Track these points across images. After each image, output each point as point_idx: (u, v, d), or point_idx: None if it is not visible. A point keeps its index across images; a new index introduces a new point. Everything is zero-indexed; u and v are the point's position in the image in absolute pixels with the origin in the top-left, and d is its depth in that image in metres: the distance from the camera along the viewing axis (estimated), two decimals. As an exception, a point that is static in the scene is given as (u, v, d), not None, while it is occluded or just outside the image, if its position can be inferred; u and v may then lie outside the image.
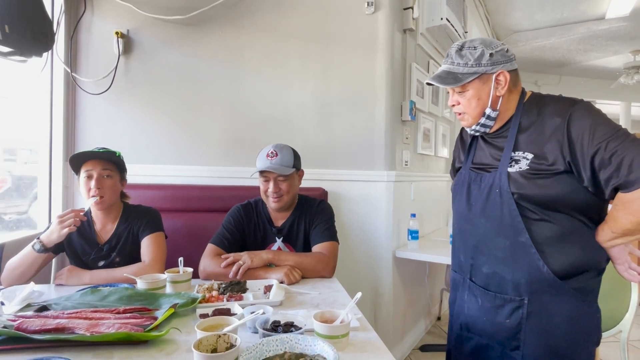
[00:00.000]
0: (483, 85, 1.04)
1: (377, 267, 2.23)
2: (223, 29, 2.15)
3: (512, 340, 1.04)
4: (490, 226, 1.07)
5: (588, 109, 0.98)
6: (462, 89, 1.06)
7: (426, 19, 2.52)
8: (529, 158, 1.00)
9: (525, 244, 1.00)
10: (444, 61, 1.10)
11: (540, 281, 1.00)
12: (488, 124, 1.08)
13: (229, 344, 0.79)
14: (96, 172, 1.43)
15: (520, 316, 1.03)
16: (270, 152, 1.51)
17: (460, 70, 1.04)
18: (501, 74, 1.03)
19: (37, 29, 1.62)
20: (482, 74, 1.03)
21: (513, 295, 1.04)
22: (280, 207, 1.54)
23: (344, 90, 2.20)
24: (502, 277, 1.05)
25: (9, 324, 0.91)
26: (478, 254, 1.11)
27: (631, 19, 4.07)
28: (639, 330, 2.95)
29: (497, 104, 1.06)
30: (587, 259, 1.00)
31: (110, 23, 2.08)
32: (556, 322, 1.00)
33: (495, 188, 1.04)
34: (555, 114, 1.00)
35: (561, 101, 1.03)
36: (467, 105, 1.07)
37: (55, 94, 2.04)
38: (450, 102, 1.12)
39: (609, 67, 5.80)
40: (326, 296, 1.25)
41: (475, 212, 1.11)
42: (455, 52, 1.06)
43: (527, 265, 1.01)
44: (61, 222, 1.33)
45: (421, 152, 2.66)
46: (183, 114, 2.13)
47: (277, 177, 1.51)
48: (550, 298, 1.00)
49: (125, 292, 1.15)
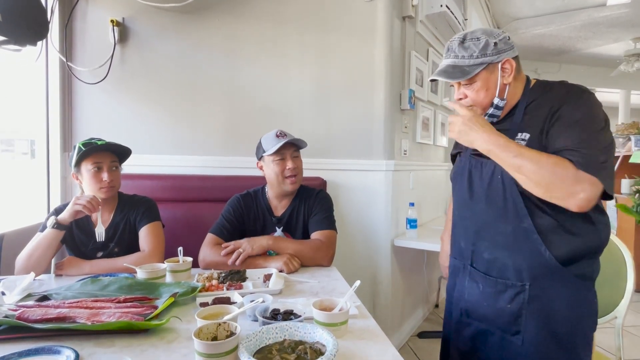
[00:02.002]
0: (491, 75, 1.04)
1: (376, 255, 2.24)
2: (220, 17, 2.12)
3: (513, 325, 1.05)
4: (492, 212, 1.07)
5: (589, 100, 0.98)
6: (469, 81, 1.05)
7: (425, 6, 2.48)
8: (525, 139, 1.00)
9: (527, 229, 1.00)
10: (446, 55, 1.08)
11: (542, 266, 1.00)
12: (496, 114, 1.07)
13: (229, 332, 0.79)
14: (106, 165, 1.44)
15: (522, 301, 1.03)
16: (279, 132, 1.54)
17: (467, 63, 1.03)
18: (507, 62, 1.03)
19: (31, 17, 1.60)
20: (489, 63, 1.02)
21: (514, 280, 1.04)
22: (295, 188, 1.55)
23: (342, 78, 2.18)
24: (504, 263, 1.06)
25: (10, 313, 0.92)
26: (479, 239, 1.11)
27: (632, 6, 4.02)
28: (633, 316, 3.00)
29: (505, 92, 1.05)
30: (586, 245, 1.01)
31: (105, 11, 2.04)
32: (557, 307, 1.01)
33: (497, 174, 1.04)
34: (554, 98, 1.00)
35: (565, 86, 1.03)
36: (475, 96, 1.06)
37: (51, 84, 2.02)
38: (457, 95, 1.10)
39: (609, 54, 5.76)
40: (325, 284, 1.26)
41: (477, 199, 1.10)
42: (457, 45, 1.05)
43: (529, 250, 1.01)
44: (76, 201, 1.34)
45: (420, 141, 2.66)
46: (180, 103, 2.12)
47: (292, 154, 1.54)
48: (551, 283, 1.01)
49: (126, 281, 1.16)
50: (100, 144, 1.44)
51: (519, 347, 1.04)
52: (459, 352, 1.21)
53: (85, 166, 1.43)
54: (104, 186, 1.43)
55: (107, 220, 1.51)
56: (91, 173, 1.42)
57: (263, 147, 1.55)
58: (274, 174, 1.53)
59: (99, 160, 1.43)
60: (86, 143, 1.43)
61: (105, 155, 1.45)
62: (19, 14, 1.54)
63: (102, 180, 1.42)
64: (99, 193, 1.45)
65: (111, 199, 1.52)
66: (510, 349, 1.06)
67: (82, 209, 1.33)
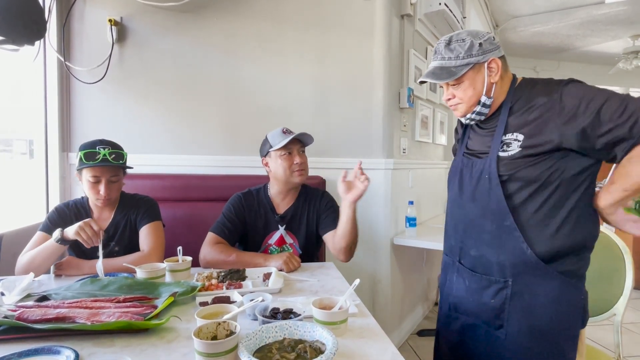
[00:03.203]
0: (477, 75, 1.07)
1: (376, 254, 2.25)
2: (218, 16, 2.11)
3: (497, 320, 1.08)
4: (478, 210, 1.10)
5: (579, 82, 1.01)
6: (457, 81, 1.08)
7: (424, 4, 2.48)
8: (519, 139, 1.02)
9: (509, 227, 1.03)
10: (434, 58, 1.12)
11: (523, 263, 1.03)
12: (483, 112, 1.10)
13: (229, 331, 0.79)
14: (104, 179, 1.43)
15: (504, 297, 1.07)
16: (285, 129, 1.55)
17: (453, 64, 1.06)
18: (493, 61, 1.06)
19: (28, 16, 1.59)
20: (475, 64, 1.06)
21: (498, 276, 1.08)
22: (303, 180, 1.56)
23: (341, 77, 2.18)
24: (488, 260, 1.09)
25: (9, 314, 0.92)
26: (467, 237, 1.15)
27: (631, 3, 4.02)
28: (632, 313, 3.01)
29: (491, 91, 1.08)
30: (573, 241, 1.02)
31: (103, 10, 2.04)
32: (539, 303, 1.04)
33: (485, 174, 1.07)
34: (546, 92, 1.02)
35: (551, 82, 1.05)
36: (463, 95, 1.09)
37: (49, 83, 2.02)
38: (446, 96, 1.14)
39: (608, 52, 5.75)
40: (325, 283, 1.26)
41: (466, 197, 1.14)
42: (444, 47, 1.08)
43: (511, 248, 1.04)
44: (80, 230, 1.28)
45: (419, 139, 2.66)
46: (179, 102, 2.11)
47: (299, 148, 1.56)
48: (534, 279, 1.04)
49: (125, 281, 1.16)
50: (103, 153, 1.40)
51: (502, 341, 1.08)
52: (448, 345, 1.25)
53: (86, 175, 1.42)
54: (100, 198, 1.43)
55: (108, 219, 1.51)
56: (89, 184, 1.42)
57: (270, 143, 1.54)
58: (282, 168, 1.53)
59: (98, 175, 1.42)
60: (88, 152, 1.39)
61: (104, 169, 1.42)
62: (17, 14, 1.54)
63: (99, 193, 1.42)
64: (95, 202, 1.46)
65: (113, 200, 1.51)
66: (494, 342, 1.10)
67: (81, 240, 1.29)
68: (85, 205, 1.51)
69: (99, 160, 1.39)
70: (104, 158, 1.40)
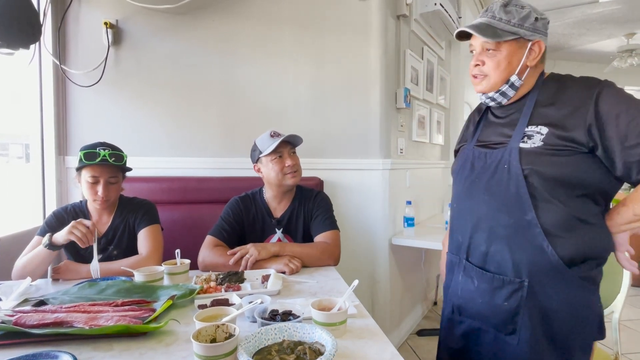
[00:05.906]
0: (518, 50, 1.00)
1: (374, 254, 2.25)
2: (214, 17, 2.11)
3: (509, 324, 1.00)
4: (493, 203, 1.01)
5: (616, 88, 0.94)
6: (496, 47, 1.00)
7: (420, 5, 2.49)
8: (543, 133, 0.95)
9: (530, 222, 0.95)
10: (482, 14, 1.03)
11: (543, 263, 0.95)
12: (508, 94, 1.03)
13: (228, 333, 0.79)
14: (103, 179, 1.42)
15: (520, 299, 0.97)
16: (272, 132, 1.54)
17: (501, 27, 0.99)
18: (537, 44, 1.00)
19: (23, 20, 1.58)
20: (521, 37, 0.99)
21: (512, 276, 0.98)
22: (296, 181, 1.56)
23: (337, 77, 2.18)
24: (503, 257, 1.00)
25: (7, 319, 0.91)
26: (477, 232, 1.05)
27: (625, 2, 4.05)
28: (630, 310, 3.02)
29: (524, 74, 1.02)
30: (592, 248, 0.96)
31: (98, 13, 2.03)
32: (556, 308, 0.96)
33: (503, 164, 0.99)
34: (580, 90, 0.96)
35: (588, 80, 0.99)
36: (494, 66, 1.01)
37: (45, 87, 2.00)
38: (475, 61, 1.05)
39: (602, 51, 5.79)
40: (324, 284, 1.26)
41: (478, 189, 1.05)
42: (499, 7, 1.00)
43: (530, 245, 0.95)
44: (73, 229, 1.29)
45: (416, 139, 2.66)
46: (176, 105, 2.11)
47: (289, 151, 1.55)
48: (552, 282, 0.95)
49: (123, 284, 1.15)
50: (103, 154, 1.40)
51: (514, 347, 0.99)
52: (449, 351, 1.17)
53: (84, 175, 1.42)
54: (98, 199, 1.42)
55: (106, 222, 1.50)
56: (88, 184, 1.42)
57: (259, 149, 1.54)
58: (274, 172, 1.52)
59: (97, 175, 1.41)
60: (88, 153, 1.39)
61: (104, 169, 1.42)
62: (11, 17, 1.53)
63: (97, 194, 1.42)
64: (93, 204, 1.45)
65: (111, 202, 1.51)
66: (504, 348, 1.02)
67: (76, 239, 1.29)
68: (83, 209, 1.50)
69: (99, 160, 1.39)
70: (103, 158, 1.40)
